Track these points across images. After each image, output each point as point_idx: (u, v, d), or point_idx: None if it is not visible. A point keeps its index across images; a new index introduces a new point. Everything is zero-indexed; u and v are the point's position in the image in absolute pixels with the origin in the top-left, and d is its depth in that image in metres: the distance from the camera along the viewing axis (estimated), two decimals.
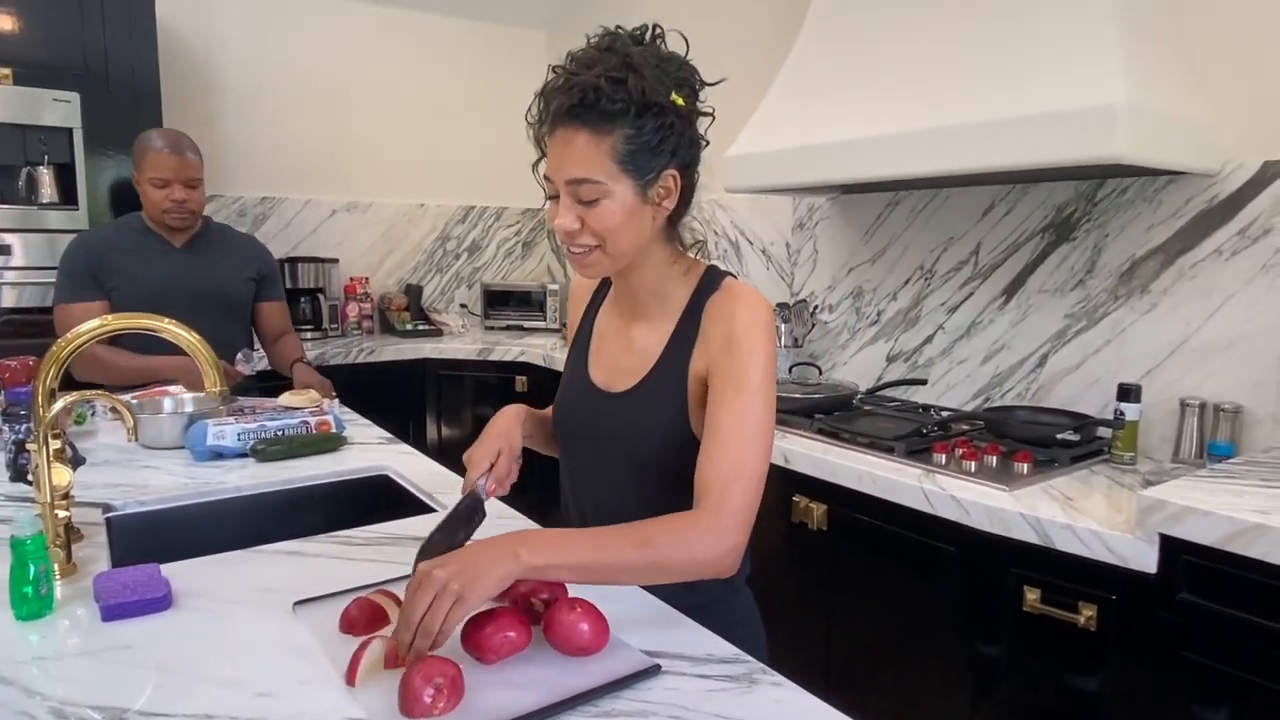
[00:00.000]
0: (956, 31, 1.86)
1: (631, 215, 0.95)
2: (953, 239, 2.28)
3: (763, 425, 0.96)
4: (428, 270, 3.90)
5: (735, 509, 0.91)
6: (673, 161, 0.96)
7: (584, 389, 1.12)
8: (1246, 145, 1.71)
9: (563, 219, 0.95)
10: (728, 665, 0.83)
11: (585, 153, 0.91)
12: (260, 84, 3.40)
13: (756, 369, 0.96)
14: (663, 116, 0.93)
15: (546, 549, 0.81)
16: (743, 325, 0.98)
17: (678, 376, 1.02)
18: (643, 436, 1.03)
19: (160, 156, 2.09)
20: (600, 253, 0.97)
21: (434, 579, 0.76)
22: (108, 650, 0.85)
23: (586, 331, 1.16)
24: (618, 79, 0.90)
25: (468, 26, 3.86)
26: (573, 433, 1.14)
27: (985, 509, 1.55)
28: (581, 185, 0.93)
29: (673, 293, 1.05)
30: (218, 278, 2.24)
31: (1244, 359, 1.74)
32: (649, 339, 1.06)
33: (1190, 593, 1.32)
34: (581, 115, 0.91)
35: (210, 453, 1.56)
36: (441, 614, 0.74)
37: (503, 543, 0.81)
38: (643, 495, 1.04)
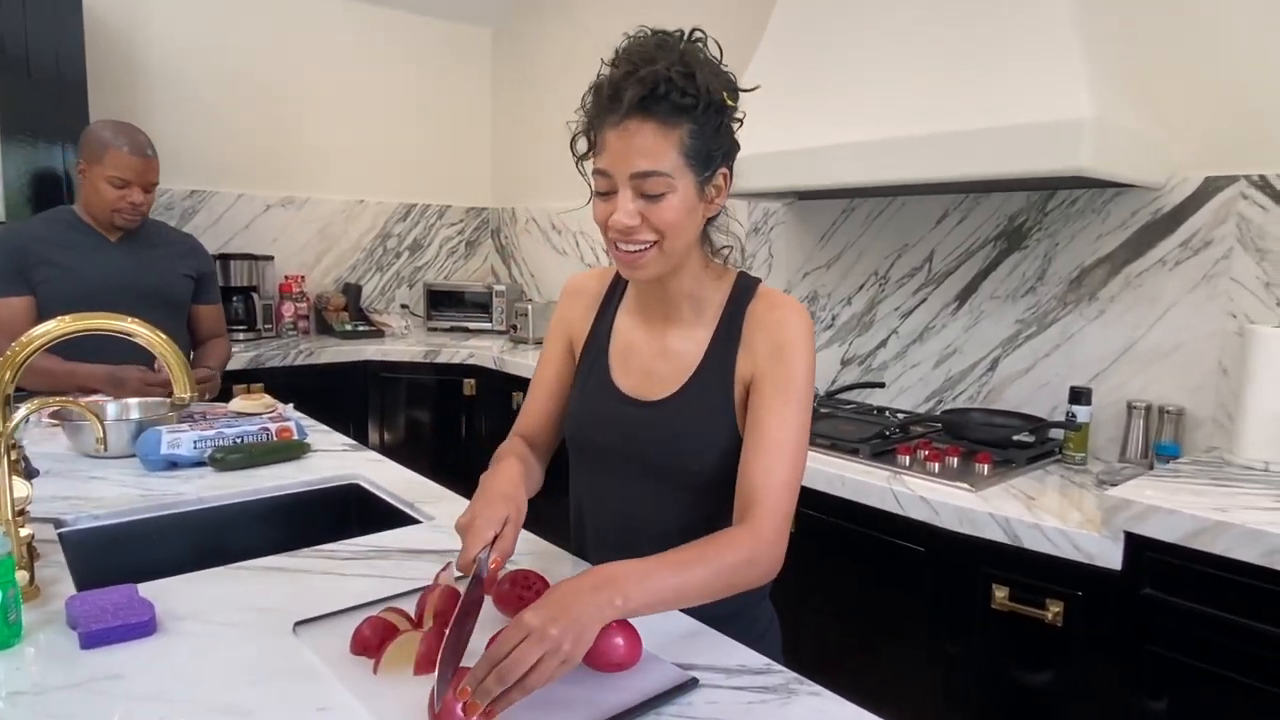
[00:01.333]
0: (920, 43, 1.91)
1: (690, 212, 0.94)
2: (907, 246, 2.33)
3: (805, 434, 0.97)
4: (367, 269, 3.78)
5: (785, 518, 0.93)
6: (725, 161, 0.97)
7: (609, 398, 1.07)
8: (1191, 161, 1.81)
9: (622, 214, 0.91)
10: (762, 676, 0.82)
11: (655, 144, 0.89)
12: (192, 74, 3.23)
13: (801, 378, 0.97)
14: (721, 115, 0.94)
15: (640, 591, 0.77)
16: (791, 333, 0.98)
17: (723, 383, 1.01)
18: (691, 445, 1.01)
19: (122, 156, 2.00)
20: (657, 250, 0.94)
21: (547, 636, 0.70)
22: (93, 681, 0.78)
23: (604, 338, 1.12)
24: (687, 74, 0.89)
25: (412, 20, 3.76)
26: (598, 444, 1.09)
27: (955, 509, 1.59)
28: (649, 178, 0.90)
29: (708, 297, 1.04)
30: (157, 274, 2.14)
31: (1186, 364, 1.83)
32: (685, 345, 1.04)
33: (1154, 588, 1.39)
34: (652, 107, 0.89)
35: (164, 462, 1.46)
36: (548, 674, 0.69)
37: (598, 588, 0.76)
38: (683, 503, 1.01)
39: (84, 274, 2.03)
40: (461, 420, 3.22)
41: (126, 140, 2.03)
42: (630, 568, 0.80)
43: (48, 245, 2.03)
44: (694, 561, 0.84)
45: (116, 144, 2.01)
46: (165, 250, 2.20)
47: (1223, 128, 1.76)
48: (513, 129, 3.98)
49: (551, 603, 0.73)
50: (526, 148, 3.89)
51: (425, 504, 1.32)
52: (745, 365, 1.01)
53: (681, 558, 0.84)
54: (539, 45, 3.76)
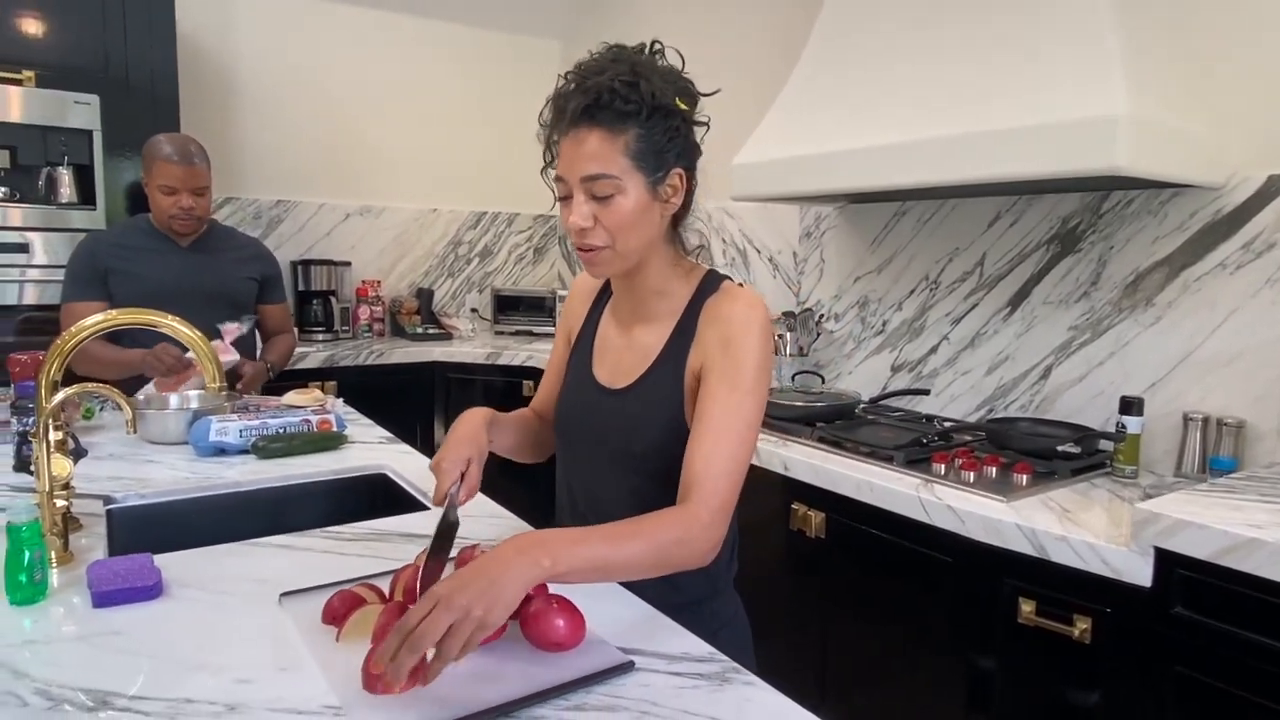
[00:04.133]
0: (960, 43, 1.87)
1: (643, 212, 0.98)
2: (958, 249, 2.28)
3: (752, 422, 0.98)
4: (439, 274, 3.93)
5: (723, 503, 0.94)
6: (679, 162, 1.01)
7: (586, 387, 1.14)
8: (1252, 159, 1.70)
9: (576, 216, 0.97)
10: (702, 664, 0.84)
11: (600, 149, 0.95)
12: (276, 89, 3.45)
13: (750, 367, 0.99)
14: (670, 119, 0.98)
15: (567, 553, 0.80)
16: (739, 325, 1.00)
17: (675, 373, 1.04)
18: (641, 431, 1.05)
19: (169, 165, 2.11)
20: (611, 251, 0.99)
21: (453, 604, 0.72)
22: (96, 636, 0.87)
23: (590, 333, 1.18)
24: (630, 82, 0.95)
25: (483, 35, 3.90)
26: (573, 429, 1.15)
27: (981, 519, 1.55)
28: (596, 181, 0.96)
29: (674, 293, 1.08)
30: (220, 277, 2.26)
31: (1247, 373, 1.72)
32: (649, 338, 1.08)
33: (1185, 607, 1.32)
34: (596, 115, 0.95)
35: (213, 448, 1.58)
36: (461, 640, 0.71)
37: (522, 551, 0.78)
38: (637, 488, 1.06)
39: (151, 278, 2.16)
40: None
41: (172, 149, 2.13)
42: (562, 534, 0.84)
43: (122, 251, 2.17)
44: (627, 535, 0.87)
45: (163, 154, 2.12)
46: (231, 255, 2.32)
47: None
48: None
49: (467, 570, 0.76)
50: None
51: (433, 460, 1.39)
52: (696, 357, 1.03)
53: (614, 530, 0.88)
54: None
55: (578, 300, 1.25)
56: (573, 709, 0.74)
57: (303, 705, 0.74)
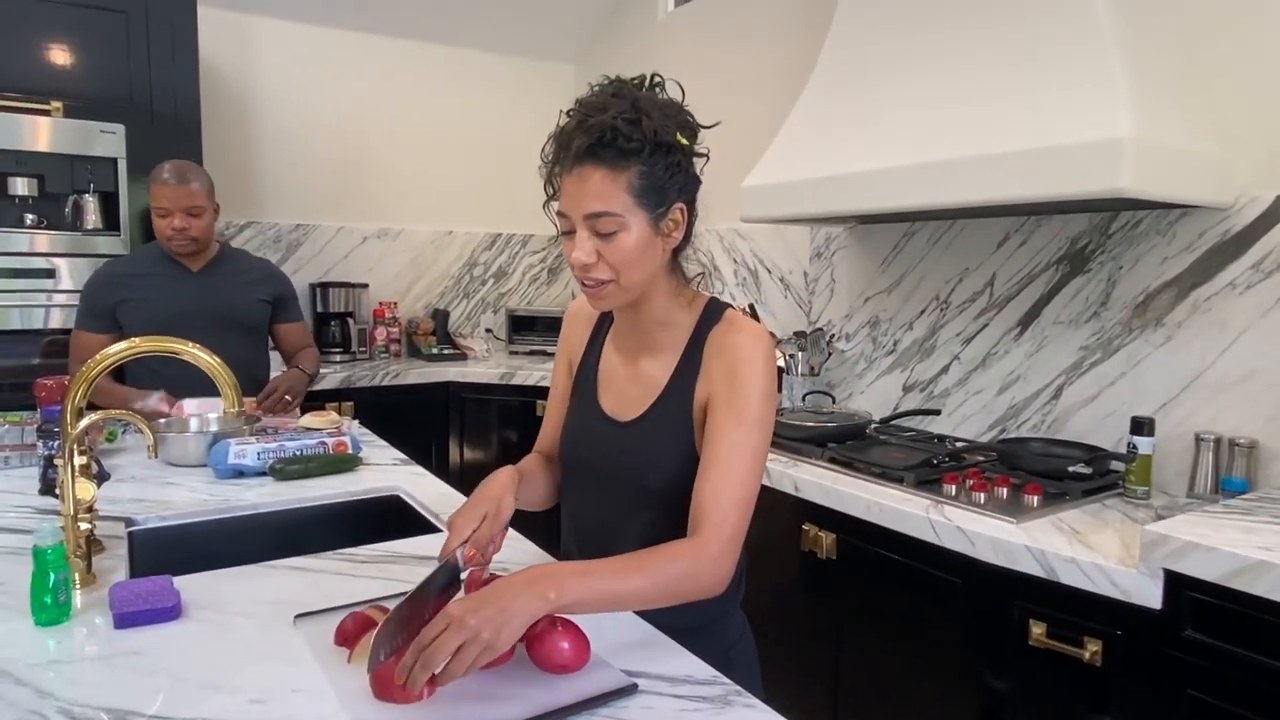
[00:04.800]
0: (966, 66, 1.89)
1: (645, 247, 0.99)
2: (968, 270, 2.29)
3: (759, 454, 1.00)
4: (455, 296, 3.98)
5: (732, 535, 0.96)
6: (680, 196, 1.02)
7: (594, 418, 1.14)
8: (1259, 179, 1.71)
9: (579, 252, 0.98)
10: (705, 687, 0.85)
11: (603, 187, 0.96)
12: (296, 115, 3.53)
13: (756, 399, 1.00)
14: (671, 154, 0.99)
15: (573, 587, 0.83)
16: (745, 357, 1.02)
17: (683, 405, 1.06)
18: (650, 464, 1.06)
19: (164, 187, 2.13)
20: (615, 285, 1.00)
21: (465, 626, 0.76)
22: (118, 656, 0.90)
23: (593, 362, 1.19)
24: (633, 120, 0.96)
25: (498, 60, 3.97)
26: (581, 460, 1.15)
27: (990, 540, 1.55)
28: (600, 218, 0.97)
29: (678, 323, 1.09)
30: (231, 301, 2.27)
31: (1259, 393, 1.72)
32: (655, 369, 1.09)
33: (1196, 630, 1.31)
34: (599, 153, 0.96)
35: (231, 470, 1.61)
36: (468, 661, 0.75)
37: (531, 583, 0.81)
38: (653, 521, 1.06)
39: (161, 304, 2.17)
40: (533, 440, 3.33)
41: (167, 171, 2.14)
42: (569, 566, 0.86)
43: (133, 279, 2.19)
44: (634, 569, 0.89)
45: (158, 177, 2.14)
46: (241, 277, 2.32)
47: None
48: None
49: (480, 595, 0.80)
50: None
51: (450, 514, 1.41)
52: (702, 389, 1.04)
53: (622, 563, 0.89)
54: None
55: (577, 327, 1.24)
56: None
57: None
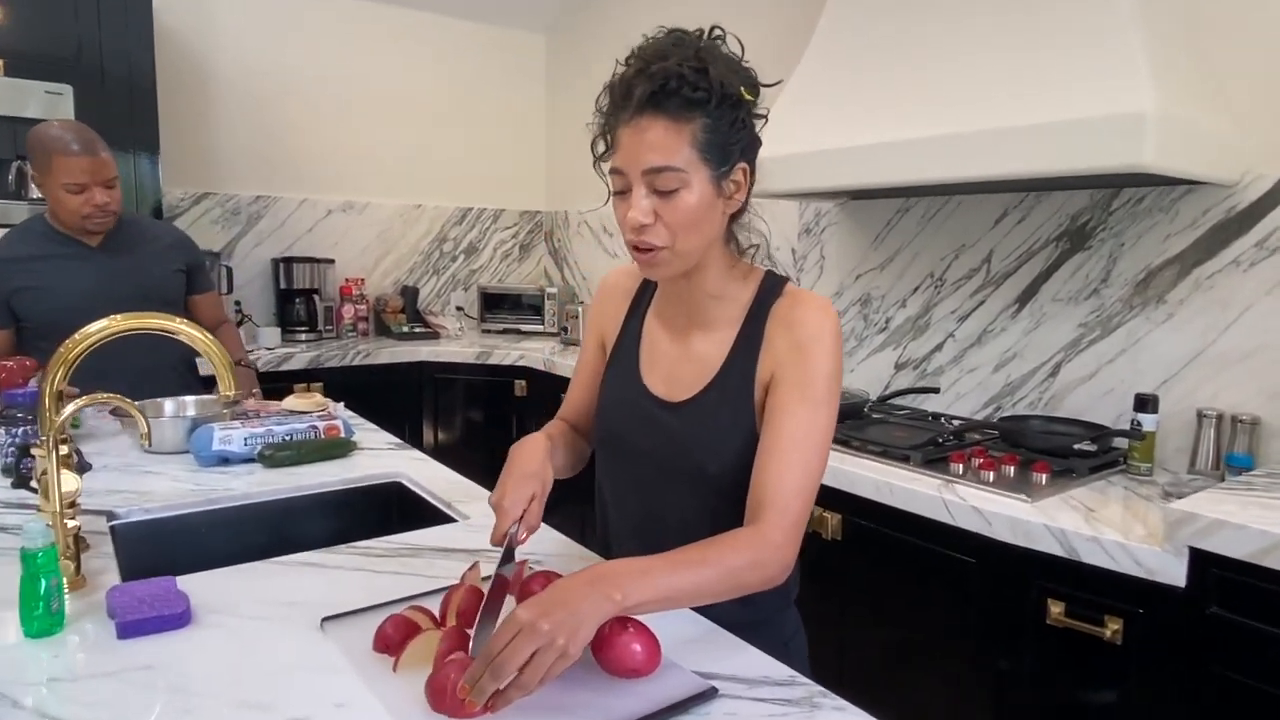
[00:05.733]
0: (972, 38, 1.85)
1: (707, 208, 0.92)
2: (964, 246, 2.26)
3: (825, 436, 0.94)
4: (424, 272, 3.85)
5: (795, 523, 0.90)
6: (744, 156, 0.95)
7: (639, 398, 1.06)
8: (1265, 156, 1.70)
9: (636, 212, 0.90)
10: (784, 688, 0.80)
11: (665, 139, 0.88)
12: (256, 81, 3.34)
13: (823, 378, 0.94)
14: (737, 109, 0.92)
15: (639, 587, 0.77)
16: (813, 333, 0.95)
17: (744, 385, 0.98)
18: (709, 447, 0.99)
19: (72, 159, 1.86)
20: (670, 252, 0.93)
21: (538, 631, 0.70)
22: (126, 671, 0.80)
23: (634, 338, 1.11)
24: (698, 69, 0.88)
25: (467, 27, 3.81)
26: (626, 444, 1.07)
27: (1008, 520, 1.53)
28: (660, 174, 0.89)
29: (733, 297, 1.01)
30: (143, 277, 2.03)
31: (1261, 370, 1.73)
32: (708, 346, 1.02)
33: (1220, 607, 1.31)
34: (662, 103, 0.88)
35: (216, 458, 1.50)
36: (544, 669, 0.69)
37: (595, 584, 0.76)
38: (713, 508, 0.99)
39: (65, 289, 1.91)
40: (512, 421, 3.25)
41: (73, 139, 1.87)
42: (629, 565, 0.80)
43: (23, 265, 1.93)
44: (696, 562, 0.83)
45: (62, 148, 1.86)
46: (149, 248, 2.08)
47: None
48: (566, 133, 4.00)
49: (546, 598, 0.73)
50: (580, 151, 3.88)
51: (462, 503, 1.33)
52: (765, 366, 0.98)
53: (683, 557, 0.83)
54: (592, 50, 3.77)
55: (612, 301, 1.16)
56: None
57: None
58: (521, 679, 0.69)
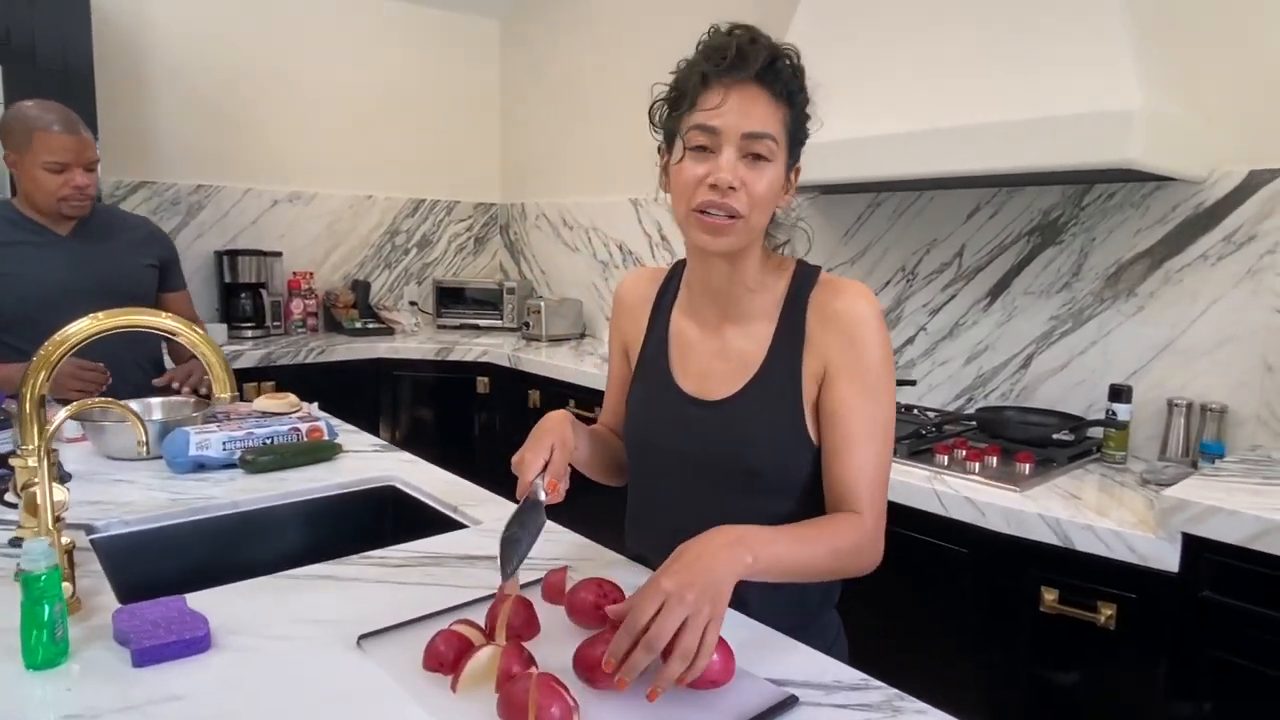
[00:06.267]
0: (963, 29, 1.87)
1: (778, 192, 0.93)
2: (936, 241, 2.30)
3: (890, 422, 0.96)
4: (375, 265, 3.72)
5: (883, 512, 0.93)
6: (799, 155, 0.96)
7: (671, 398, 1.03)
8: (1233, 154, 1.77)
9: (726, 172, 0.88)
10: (860, 693, 0.78)
11: (768, 112, 0.89)
12: (198, 66, 3.17)
13: (877, 364, 0.94)
14: (807, 109, 0.94)
15: (767, 553, 0.79)
16: (859, 321, 0.94)
17: (789, 380, 0.96)
18: (756, 445, 0.97)
19: (56, 137, 1.80)
20: (744, 222, 0.91)
21: (683, 600, 0.69)
22: (153, 704, 0.73)
23: (661, 340, 1.08)
24: (795, 65, 0.91)
25: (419, 11, 3.70)
26: (660, 445, 1.04)
27: (1001, 510, 1.55)
28: (760, 140, 0.89)
29: (769, 289, 1.00)
30: (115, 267, 1.96)
31: (1229, 361, 1.80)
32: (744, 341, 1.00)
33: (1213, 591, 1.35)
34: (771, 80, 0.89)
35: (192, 464, 1.41)
36: (698, 637, 0.69)
37: (731, 547, 0.76)
38: (759, 506, 0.97)
39: (34, 277, 1.85)
40: (475, 419, 3.17)
41: (55, 118, 1.82)
42: (756, 531, 0.81)
43: None
44: (812, 538, 0.85)
45: (44, 125, 1.80)
46: (122, 240, 2.01)
47: (1267, 120, 1.73)
48: (522, 123, 3.92)
49: (684, 564, 0.73)
50: (536, 142, 3.83)
51: (469, 507, 1.27)
52: (814, 362, 0.96)
53: (801, 533, 0.85)
54: (548, 37, 3.70)
55: (632, 309, 1.13)
56: None
57: None
58: (679, 649, 0.68)
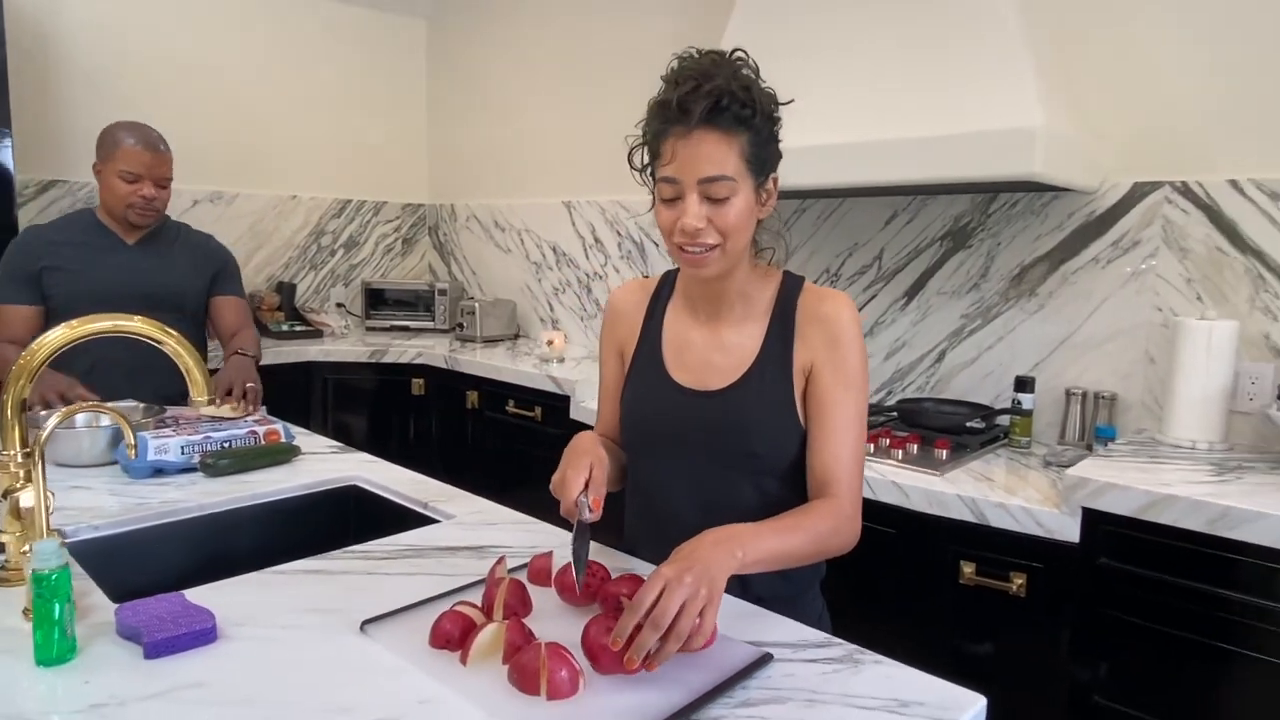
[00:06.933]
0: (880, 50, 2.01)
1: (749, 215, 1.02)
2: (857, 245, 2.45)
3: (864, 415, 1.07)
4: (301, 267, 3.67)
5: (859, 494, 1.04)
6: (774, 167, 1.05)
7: (667, 390, 1.12)
8: (1120, 167, 1.97)
9: (690, 218, 0.97)
10: (826, 649, 0.88)
11: (719, 152, 0.97)
12: (114, 62, 3.06)
13: (856, 365, 1.06)
14: (772, 125, 1.02)
15: (754, 547, 0.89)
16: (844, 326, 1.06)
17: (782, 371, 1.07)
18: (757, 430, 1.07)
19: (133, 151, 2.04)
20: (720, 252, 1.01)
21: (683, 584, 0.78)
22: (176, 690, 0.77)
23: (655, 339, 1.17)
24: (746, 87, 0.98)
25: (344, 10, 3.66)
26: (659, 434, 1.13)
27: (924, 492, 1.70)
28: (715, 183, 0.97)
29: (758, 294, 1.11)
30: (172, 278, 2.15)
31: (1117, 353, 2.00)
32: (740, 338, 1.10)
33: (1109, 558, 1.52)
34: (716, 119, 0.96)
35: (149, 469, 1.41)
36: (694, 616, 0.77)
37: (720, 543, 0.86)
38: (762, 486, 1.07)
39: (93, 276, 2.04)
40: (410, 420, 3.17)
41: (136, 135, 2.07)
42: (743, 529, 0.90)
43: (62, 248, 2.06)
44: (793, 528, 0.95)
45: (126, 140, 2.06)
46: (181, 253, 2.20)
47: (1148, 137, 1.93)
48: (450, 125, 3.92)
49: (681, 556, 0.82)
50: (466, 144, 3.84)
51: (440, 503, 1.33)
52: (803, 356, 1.07)
53: (782, 524, 0.95)
54: (475, 38, 3.71)
55: (627, 315, 1.21)
56: (740, 705, 0.76)
57: None
58: (678, 627, 0.76)
